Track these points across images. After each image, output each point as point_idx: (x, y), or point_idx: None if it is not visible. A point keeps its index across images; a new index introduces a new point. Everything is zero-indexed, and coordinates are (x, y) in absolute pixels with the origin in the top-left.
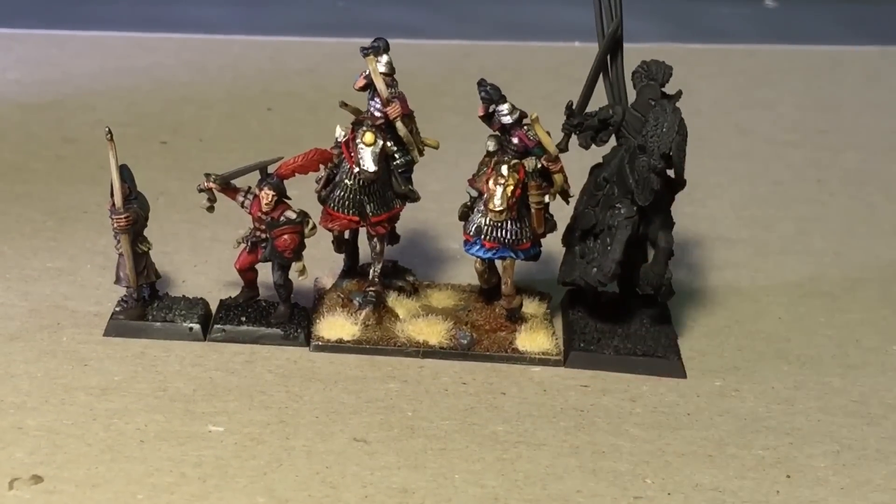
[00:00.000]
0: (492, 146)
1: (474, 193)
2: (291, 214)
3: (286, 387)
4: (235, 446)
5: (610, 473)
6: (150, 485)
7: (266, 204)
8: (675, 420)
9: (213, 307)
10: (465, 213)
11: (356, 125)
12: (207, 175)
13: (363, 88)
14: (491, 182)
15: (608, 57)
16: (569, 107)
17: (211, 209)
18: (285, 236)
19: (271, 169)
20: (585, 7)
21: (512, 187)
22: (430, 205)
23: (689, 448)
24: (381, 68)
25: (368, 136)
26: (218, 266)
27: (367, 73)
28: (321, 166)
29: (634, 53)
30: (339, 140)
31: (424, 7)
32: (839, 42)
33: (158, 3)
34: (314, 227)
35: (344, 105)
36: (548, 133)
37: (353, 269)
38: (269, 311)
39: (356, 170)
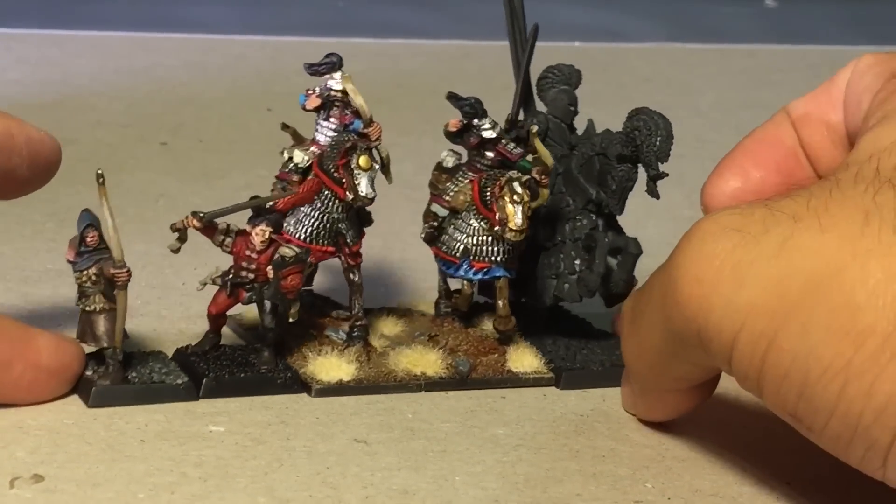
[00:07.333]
0: (451, 162)
1: (443, 213)
2: (288, 251)
3: None
4: (236, 446)
5: (610, 477)
6: (151, 484)
7: (261, 241)
8: (675, 425)
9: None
10: (433, 235)
11: (350, 150)
12: (195, 213)
13: (317, 108)
14: (506, 201)
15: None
16: (508, 120)
17: (178, 251)
18: (291, 276)
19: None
20: (585, 7)
21: (529, 204)
22: None
23: (688, 453)
24: (337, 86)
25: (364, 160)
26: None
27: (320, 91)
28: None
29: (634, 53)
30: (299, 166)
31: (424, 7)
32: (839, 42)
33: (158, 3)
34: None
35: (286, 127)
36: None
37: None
38: (238, 356)
39: (349, 196)
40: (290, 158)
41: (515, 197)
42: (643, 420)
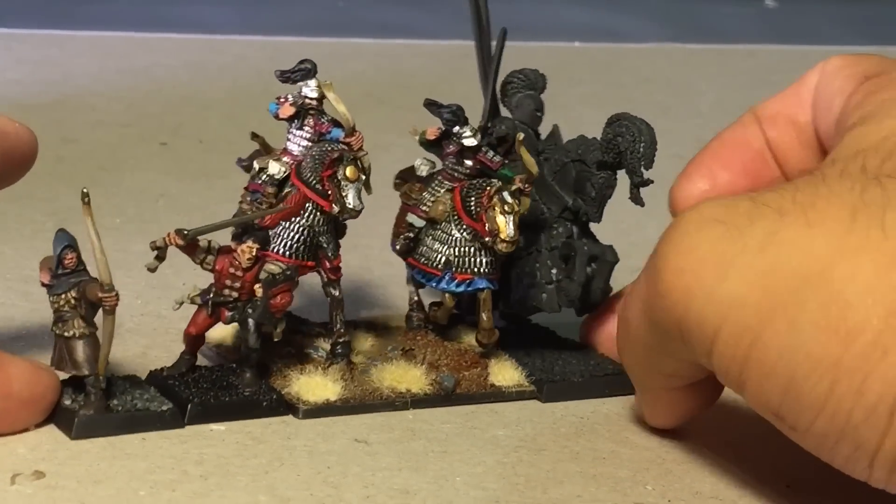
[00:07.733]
0: (425, 171)
1: (420, 223)
2: (275, 268)
3: None
4: (237, 445)
5: (610, 479)
6: (152, 481)
7: (248, 259)
8: (676, 428)
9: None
10: (409, 247)
11: (336, 161)
12: (178, 231)
13: (292, 117)
14: (496, 212)
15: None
16: (479, 127)
17: (155, 270)
18: (280, 295)
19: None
20: (585, 7)
21: (518, 214)
22: None
23: (689, 456)
24: (313, 93)
25: (351, 171)
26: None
27: (293, 98)
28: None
29: (634, 53)
30: (276, 177)
31: (424, 7)
32: (839, 42)
33: (158, 3)
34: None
35: (255, 136)
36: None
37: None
38: (217, 377)
39: (335, 209)
40: (262, 169)
41: (506, 207)
42: (645, 423)
